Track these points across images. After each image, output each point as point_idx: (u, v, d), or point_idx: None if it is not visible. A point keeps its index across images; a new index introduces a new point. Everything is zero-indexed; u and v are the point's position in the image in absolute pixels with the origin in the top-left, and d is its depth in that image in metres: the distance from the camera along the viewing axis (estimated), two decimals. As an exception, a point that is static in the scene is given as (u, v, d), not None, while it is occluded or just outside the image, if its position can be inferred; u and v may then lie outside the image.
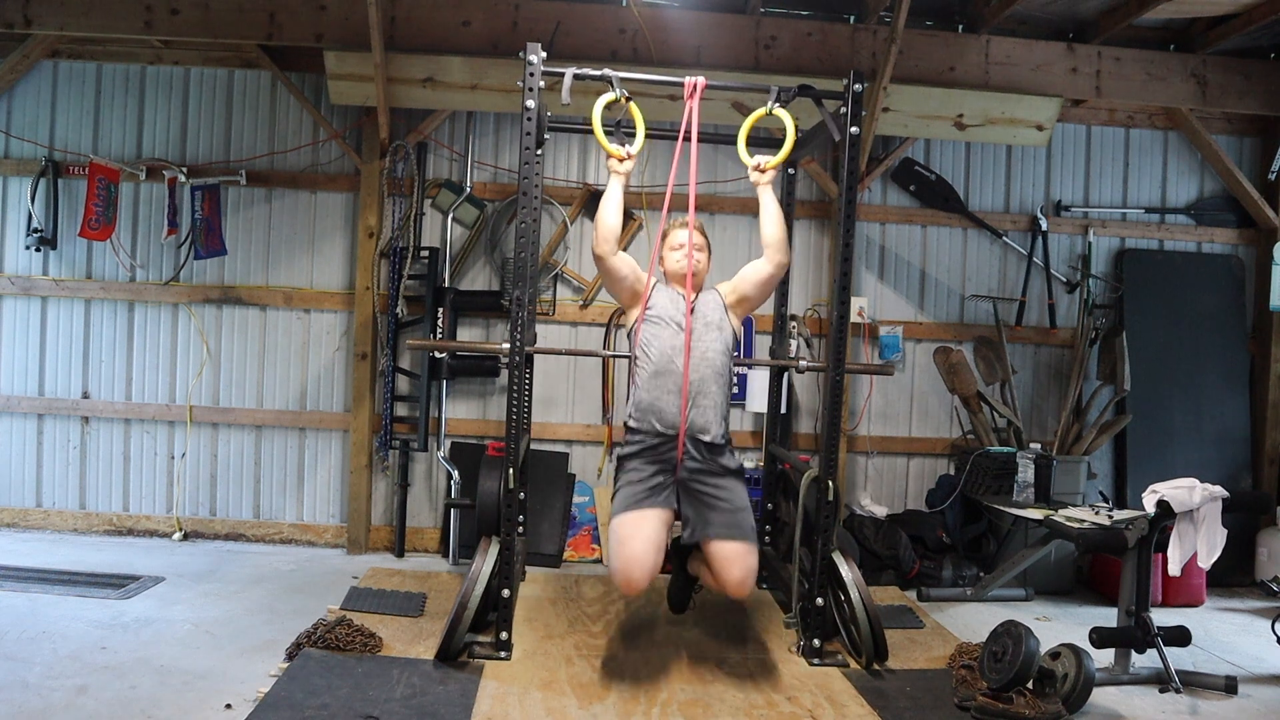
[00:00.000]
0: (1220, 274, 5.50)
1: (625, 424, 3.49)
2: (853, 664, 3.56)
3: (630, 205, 5.15)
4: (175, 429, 5.20)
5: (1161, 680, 3.52)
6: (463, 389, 5.26)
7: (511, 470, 3.54)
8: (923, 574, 4.79)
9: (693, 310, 3.46)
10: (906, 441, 5.45)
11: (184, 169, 5.07)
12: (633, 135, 3.56)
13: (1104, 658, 3.62)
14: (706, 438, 3.37)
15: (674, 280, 3.60)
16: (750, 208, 5.21)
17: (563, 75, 3.47)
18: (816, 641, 3.58)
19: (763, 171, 3.50)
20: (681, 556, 3.75)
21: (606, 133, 3.47)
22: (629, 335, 3.61)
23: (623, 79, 3.49)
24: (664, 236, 3.65)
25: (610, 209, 3.45)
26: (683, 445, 3.35)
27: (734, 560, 3.27)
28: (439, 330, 5.00)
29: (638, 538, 3.22)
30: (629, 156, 3.46)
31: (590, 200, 5.21)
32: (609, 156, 3.47)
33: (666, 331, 3.43)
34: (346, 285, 5.20)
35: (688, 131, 3.48)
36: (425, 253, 5.07)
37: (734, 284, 3.63)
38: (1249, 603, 4.94)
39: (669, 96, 4.56)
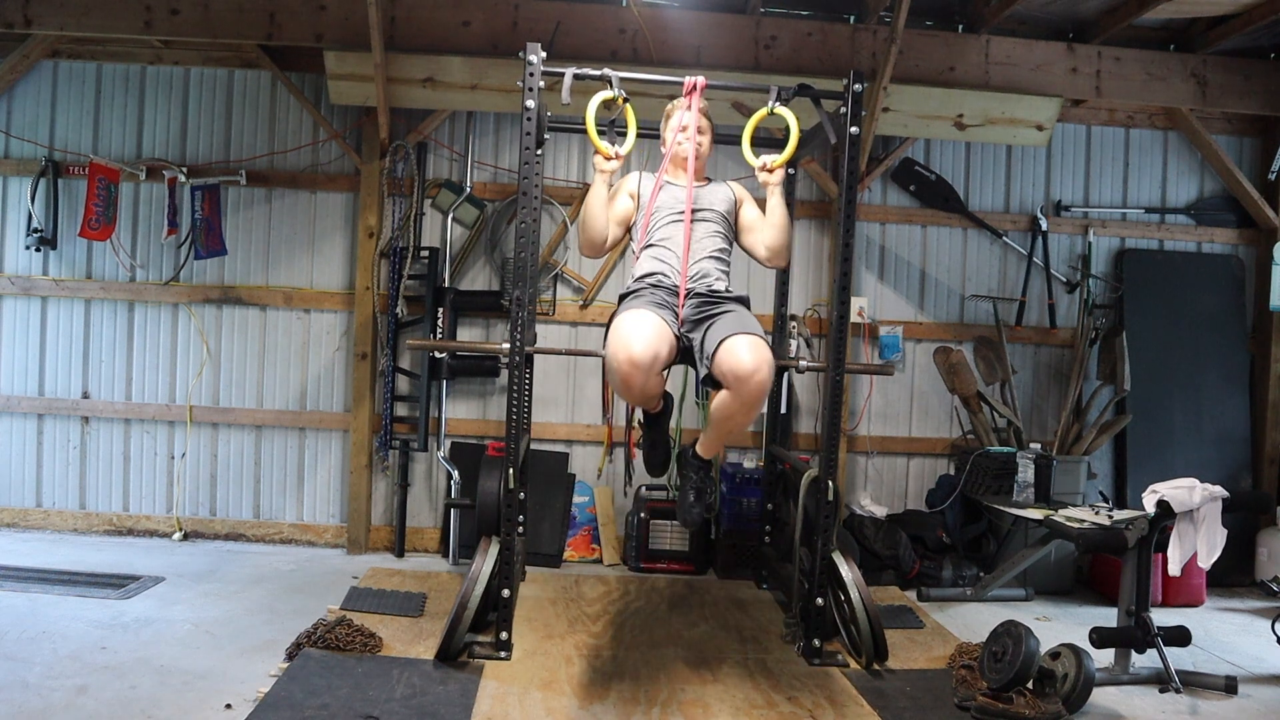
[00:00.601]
0: (1220, 274, 5.50)
1: (624, 291, 3.45)
2: (853, 664, 3.57)
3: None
4: (175, 429, 5.20)
5: (1161, 680, 3.52)
6: (463, 389, 5.26)
7: (511, 470, 3.54)
8: (923, 574, 4.79)
9: (694, 206, 3.43)
10: (906, 441, 5.45)
11: (184, 169, 5.07)
12: (624, 135, 3.54)
13: (1104, 658, 3.62)
14: (706, 283, 3.37)
15: (677, 164, 3.56)
16: (750, 208, 5.21)
17: (563, 75, 3.47)
18: (816, 641, 3.58)
19: (770, 171, 3.42)
20: (650, 427, 3.62)
21: (600, 131, 3.46)
22: (633, 233, 3.57)
23: (623, 79, 3.49)
24: (668, 117, 3.63)
25: (594, 210, 3.43)
26: (684, 295, 3.31)
27: (744, 348, 3.01)
28: (439, 330, 5.00)
29: (641, 325, 3.04)
30: (617, 157, 3.44)
31: (590, 200, 5.21)
32: (596, 153, 3.42)
33: (669, 199, 3.44)
34: (346, 285, 5.20)
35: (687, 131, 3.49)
36: (425, 253, 5.07)
37: (747, 211, 3.60)
38: (1249, 603, 4.94)
39: (669, 96, 4.54)
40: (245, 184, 5.14)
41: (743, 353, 3.00)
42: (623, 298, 3.42)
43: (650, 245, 3.46)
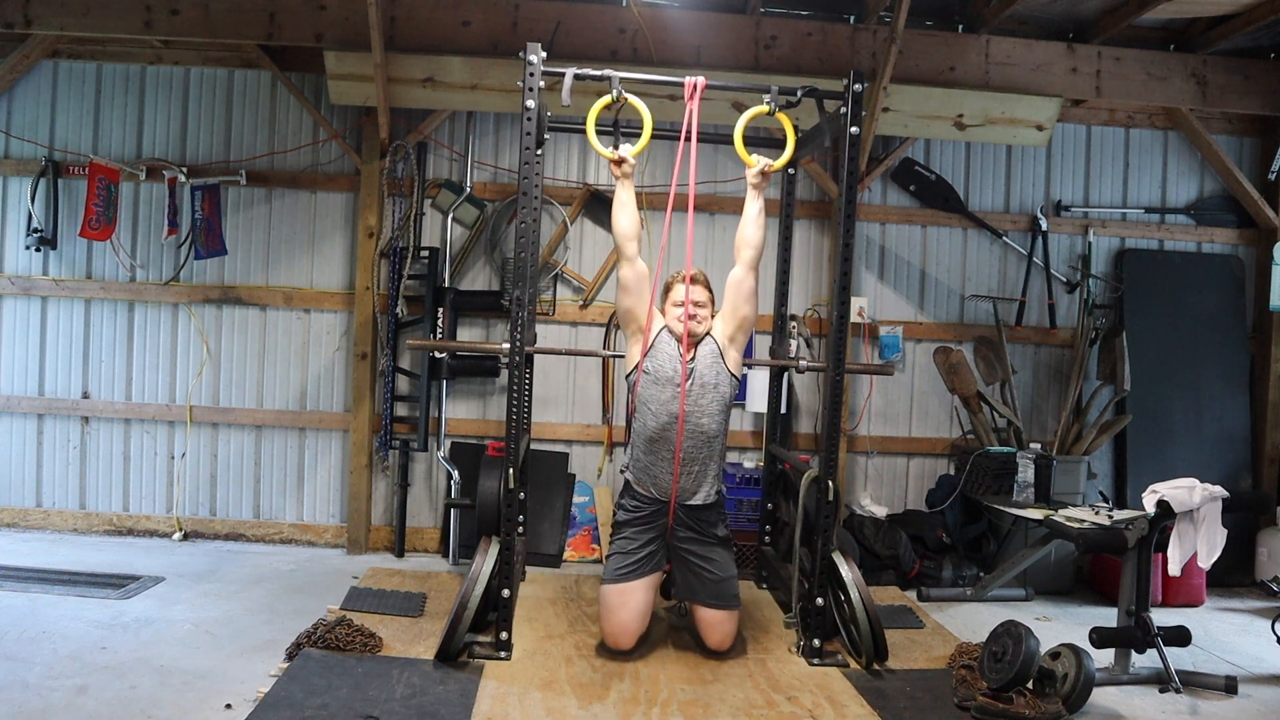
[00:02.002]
0: (1220, 274, 5.50)
1: (624, 476, 3.69)
2: (853, 664, 3.56)
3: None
4: (175, 429, 5.20)
5: (1161, 680, 3.51)
6: (463, 389, 5.26)
7: (511, 470, 3.54)
8: (923, 574, 4.79)
9: (690, 376, 3.51)
10: (906, 441, 5.45)
11: (184, 169, 5.07)
12: (638, 135, 3.57)
13: (1104, 658, 3.62)
14: (697, 501, 3.58)
15: (677, 335, 3.59)
16: (750, 208, 5.21)
17: (563, 75, 3.47)
18: (816, 641, 3.58)
19: (765, 175, 3.52)
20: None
21: (608, 132, 3.47)
22: (628, 379, 3.66)
23: (623, 79, 3.50)
24: (667, 290, 3.66)
25: (619, 213, 3.54)
26: (673, 514, 3.57)
27: (716, 626, 3.58)
28: (439, 330, 5.00)
29: (626, 609, 3.51)
30: (623, 159, 3.46)
31: (590, 200, 5.22)
32: (610, 162, 3.51)
33: (664, 394, 3.51)
34: (346, 285, 5.20)
35: (688, 132, 3.49)
36: (425, 253, 5.07)
37: (727, 313, 3.64)
38: (1249, 603, 4.94)
39: (669, 96, 4.55)
40: (245, 184, 5.14)
41: (715, 633, 3.58)
42: (618, 524, 3.65)
43: (643, 434, 3.55)
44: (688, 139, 3.49)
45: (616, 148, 3.57)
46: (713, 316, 3.66)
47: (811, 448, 5.29)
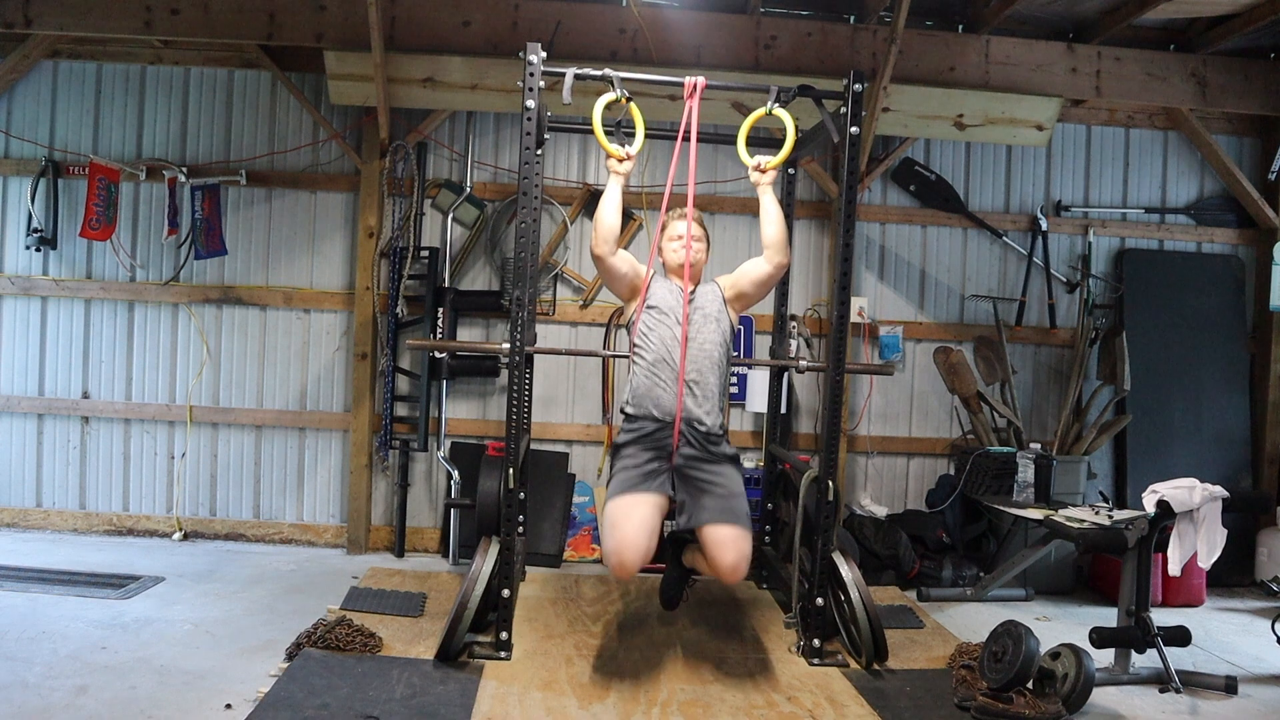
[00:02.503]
0: (1220, 274, 5.50)
1: (622, 410, 3.51)
2: (853, 664, 3.57)
3: (630, 205, 5.15)
4: (175, 429, 5.20)
5: (1161, 680, 3.52)
6: (463, 389, 5.26)
7: (511, 470, 3.54)
8: (923, 574, 4.79)
9: (690, 302, 3.47)
10: (906, 441, 5.45)
11: (184, 169, 5.07)
12: (632, 135, 3.56)
13: (1104, 658, 3.62)
14: (703, 427, 3.39)
15: (672, 272, 3.60)
16: (750, 207, 5.22)
17: (563, 75, 3.47)
18: (816, 641, 3.58)
19: (763, 172, 3.50)
20: (675, 551, 3.73)
21: (606, 133, 3.47)
22: (628, 328, 3.61)
23: (623, 79, 3.49)
24: (663, 228, 3.66)
25: (609, 209, 3.45)
26: (678, 433, 3.36)
27: (728, 544, 3.24)
28: (439, 330, 5.00)
29: (631, 521, 3.22)
30: (628, 157, 3.46)
31: (590, 200, 5.21)
32: (609, 156, 3.47)
33: (665, 322, 3.45)
34: (346, 285, 5.20)
35: (687, 131, 3.49)
36: (425, 253, 5.07)
37: (734, 279, 3.64)
38: (1249, 603, 4.94)
39: (669, 96, 4.56)
40: (245, 184, 5.14)
41: (727, 553, 3.24)
42: (616, 450, 3.45)
43: (645, 358, 3.45)
44: (687, 139, 3.49)
45: (621, 145, 3.56)
46: (706, 250, 3.66)
47: (811, 448, 5.29)
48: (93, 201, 4.86)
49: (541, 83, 3.49)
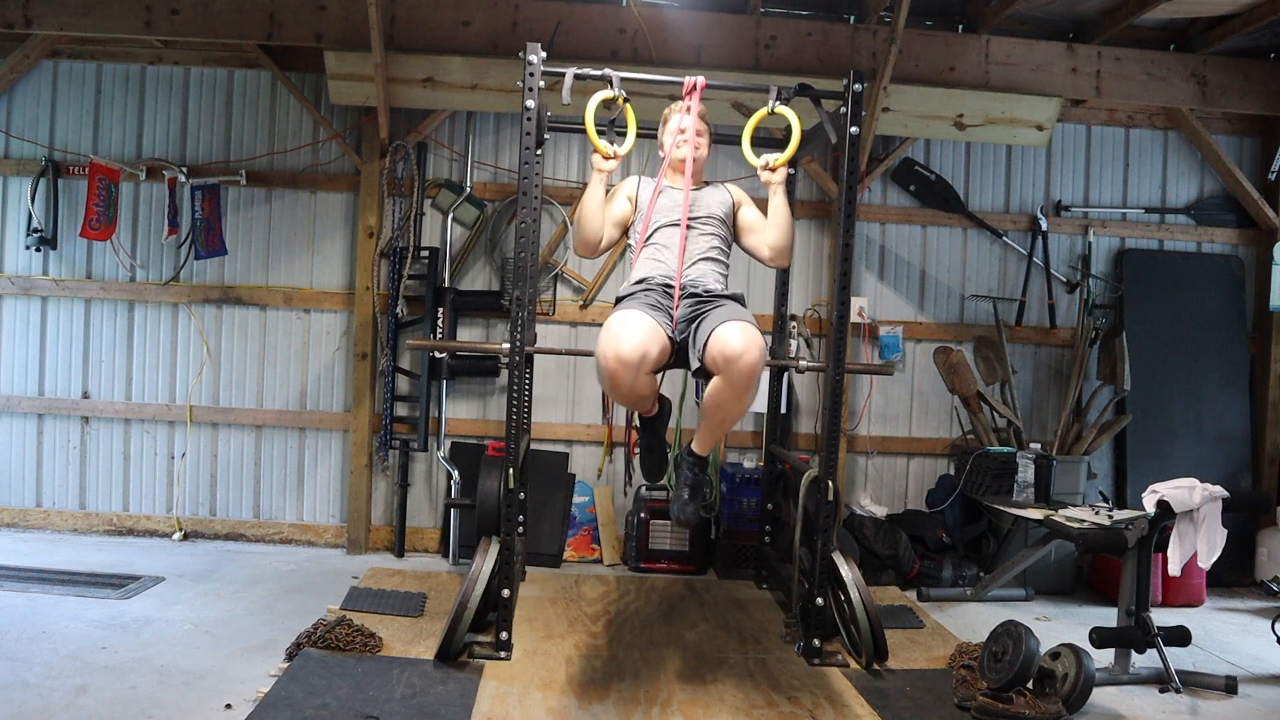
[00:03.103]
0: (1220, 274, 5.50)
1: (620, 294, 3.41)
2: (853, 664, 3.57)
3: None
4: (175, 429, 5.20)
5: (1161, 680, 3.52)
6: (463, 389, 5.26)
7: (511, 470, 3.54)
8: (923, 574, 4.79)
9: (692, 208, 3.43)
10: (906, 441, 5.45)
11: (184, 169, 5.07)
12: (624, 134, 3.53)
13: (1104, 658, 3.62)
14: (702, 285, 3.35)
15: (674, 166, 3.55)
16: (750, 208, 5.21)
17: (563, 75, 3.47)
18: (816, 641, 3.59)
19: (773, 170, 3.38)
20: (646, 425, 3.55)
21: (599, 131, 3.45)
22: (631, 235, 3.58)
23: (623, 79, 3.49)
24: (665, 121, 3.63)
25: (590, 209, 3.41)
26: (679, 296, 3.28)
27: (734, 331, 2.99)
28: (439, 330, 5.00)
29: (630, 323, 3.03)
30: (615, 156, 3.41)
31: (590, 200, 5.21)
32: (594, 152, 3.38)
33: (667, 203, 3.45)
34: (346, 285, 5.20)
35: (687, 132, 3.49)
36: (425, 253, 5.07)
37: (746, 213, 3.59)
38: (1249, 603, 4.94)
39: (669, 96, 4.54)
40: (245, 184, 5.14)
41: (732, 335, 2.98)
42: (619, 300, 3.38)
43: (647, 249, 3.45)
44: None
45: (612, 144, 3.54)
46: (709, 145, 3.62)
47: (811, 448, 5.29)
48: (93, 201, 4.86)
49: (541, 83, 3.49)
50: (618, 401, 3.31)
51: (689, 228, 3.41)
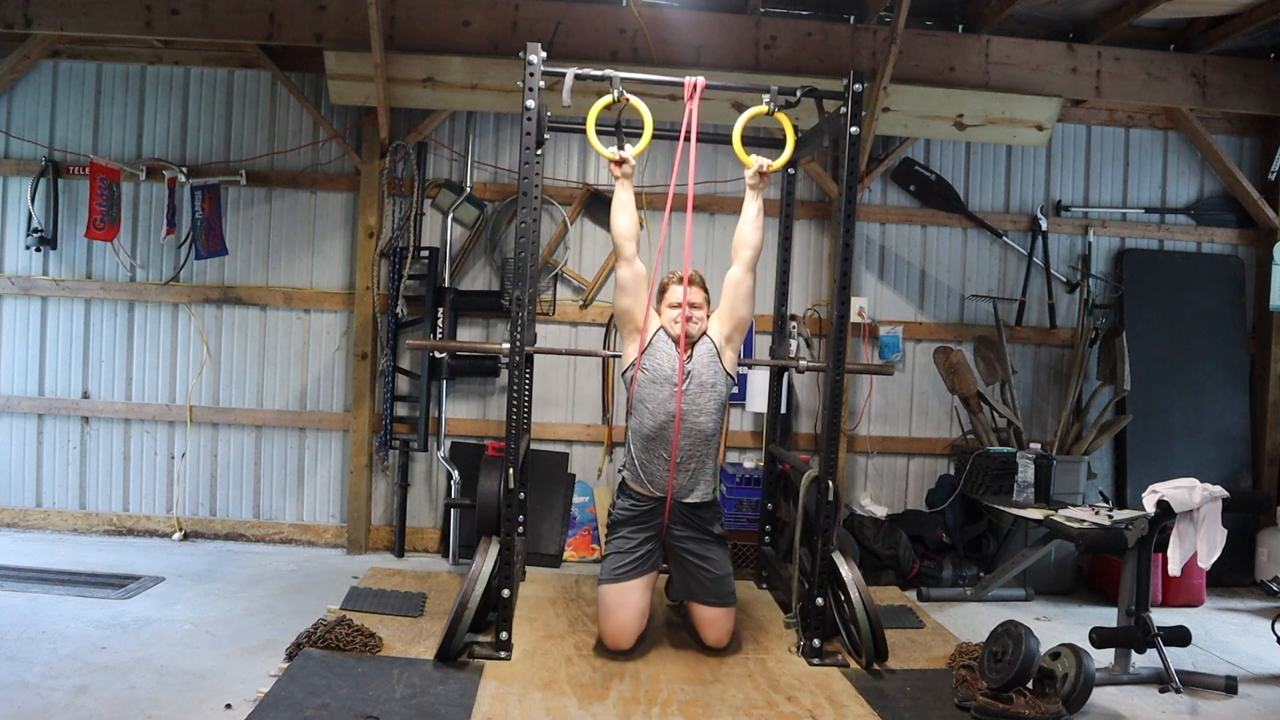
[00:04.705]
0: (1220, 274, 5.50)
1: (622, 477, 3.71)
2: (853, 664, 3.56)
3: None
4: (175, 429, 5.20)
5: (1161, 680, 3.52)
6: (463, 389, 5.26)
7: (511, 470, 3.54)
8: (923, 574, 4.79)
9: (687, 376, 3.52)
10: (906, 441, 5.45)
11: (184, 169, 5.07)
12: (639, 135, 3.56)
13: (1104, 658, 3.62)
14: (694, 499, 3.61)
15: (671, 337, 3.60)
16: (750, 208, 5.21)
17: (563, 75, 3.47)
18: (816, 641, 3.58)
19: (763, 176, 3.52)
20: None
21: (610, 132, 3.46)
22: (624, 376, 3.68)
23: (623, 79, 3.49)
24: (662, 291, 3.66)
25: (618, 212, 3.53)
26: (669, 512, 3.58)
27: (713, 623, 3.61)
28: (439, 330, 5.00)
29: (624, 609, 3.52)
30: (624, 159, 3.45)
31: (590, 200, 5.22)
32: (610, 162, 3.50)
33: (661, 393, 3.53)
34: (346, 285, 5.20)
35: (687, 132, 3.49)
36: (425, 253, 5.07)
37: (724, 313, 3.64)
38: (1249, 603, 4.94)
39: (669, 96, 4.55)
40: (245, 184, 5.14)
41: (712, 631, 3.61)
42: (614, 524, 3.68)
43: (640, 432, 3.56)
44: (687, 139, 3.49)
45: (621, 148, 3.56)
46: (708, 317, 3.65)
47: (811, 448, 5.29)
48: (96, 201, 4.86)
49: (541, 83, 3.49)
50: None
51: (685, 391, 3.52)
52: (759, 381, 5.02)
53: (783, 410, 4.84)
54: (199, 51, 5.11)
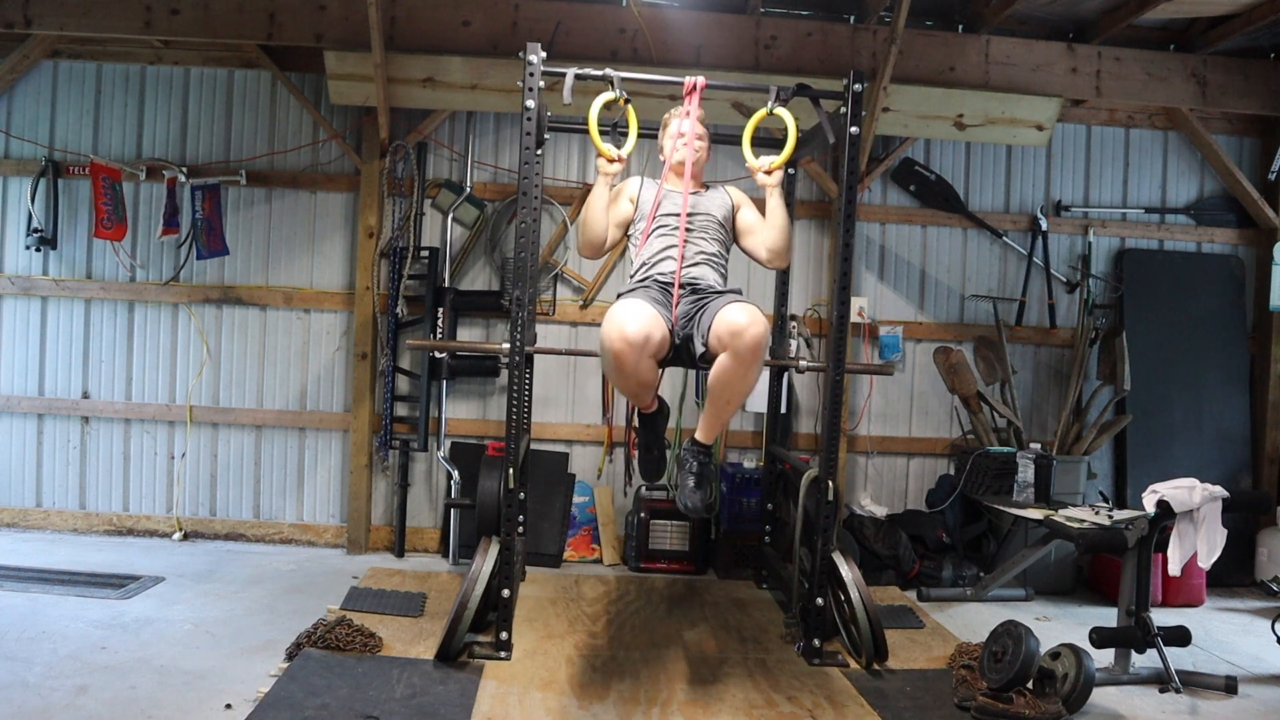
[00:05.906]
0: (1220, 274, 5.50)
1: (622, 291, 3.45)
2: (853, 664, 3.57)
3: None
4: (175, 429, 5.20)
5: (1161, 680, 3.52)
6: (463, 389, 5.26)
7: (511, 470, 3.54)
8: (923, 574, 4.79)
9: (691, 211, 3.47)
10: (906, 441, 5.45)
11: (184, 169, 5.07)
12: (626, 136, 3.53)
13: (1104, 658, 3.62)
14: (702, 284, 3.40)
15: (674, 169, 3.58)
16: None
17: (563, 75, 3.47)
18: (816, 641, 3.59)
19: (769, 173, 3.43)
20: (645, 421, 3.55)
21: (602, 133, 3.45)
22: (632, 232, 3.61)
23: (623, 79, 3.49)
24: (665, 125, 3.67)
25: (595, 212, 3.47)
26: (678, 294, 3.32)
27: (738, 309, 3.04)
28: (439, 330, 5.00)
29: (634, 308, 3.06)
30: (619, 159, 3.43)
31: (590, 200, 5.21)
32: (599, 156, 3.42)
33: (670, 205, 3.48)
34: (346, 285, 5.20)
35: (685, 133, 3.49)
36: (425, 253, 5.07)
37: (746, 215, 3.63)
38: (1249, 603, 4.94)
39: (669, 96, 4.54)
40: (245, 184, 5.14)
41: (736, 313, 3.02)
42: (620, 297, 3.39)
43: (647, 249, 3.48)
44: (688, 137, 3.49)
45: (619, 147, 3.55)
46: (708, 149, 3.68)
47: (811, 448, 5.29)
48: (101, 201, 4.86)
49: (541, 83, 3.49)
50: (621, 389, 3.31)
51: (688, 229, 3.44)
52: (759, 381, 5.01)
53: (783, 410, 4.84)
54: (199, 51, 5.11)
